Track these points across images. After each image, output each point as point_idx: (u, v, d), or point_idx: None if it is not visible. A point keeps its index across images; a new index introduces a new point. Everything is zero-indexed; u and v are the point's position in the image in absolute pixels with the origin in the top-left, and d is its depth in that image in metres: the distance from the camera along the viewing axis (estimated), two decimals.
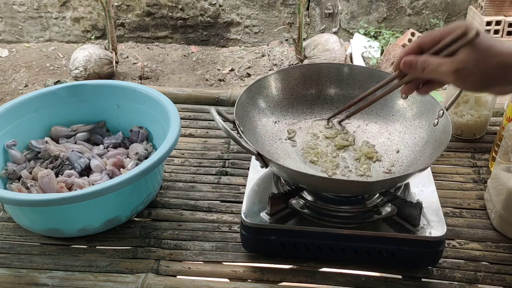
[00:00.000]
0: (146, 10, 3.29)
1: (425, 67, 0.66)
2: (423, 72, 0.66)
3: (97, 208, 0.78)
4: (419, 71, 0.67)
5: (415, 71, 0.67)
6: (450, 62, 0.63)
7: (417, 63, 0.67)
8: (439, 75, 0.65)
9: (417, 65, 0.66)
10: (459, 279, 0.75)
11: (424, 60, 0.66)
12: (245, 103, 0.85)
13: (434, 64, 0.65)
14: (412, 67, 0.67)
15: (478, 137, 1.04)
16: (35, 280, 0.75)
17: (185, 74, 3.06)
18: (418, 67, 0.67)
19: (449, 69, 0.63)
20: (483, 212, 0.87)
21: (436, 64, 0.64)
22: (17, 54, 3.26)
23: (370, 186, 0.74)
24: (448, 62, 0.63)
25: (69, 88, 0.98)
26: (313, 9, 3.25)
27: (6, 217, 0.86)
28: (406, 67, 0.68)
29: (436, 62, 0.64)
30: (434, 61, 0.65)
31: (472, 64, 0.62)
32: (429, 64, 0.65)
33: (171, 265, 0.77)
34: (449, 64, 0.63)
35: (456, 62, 0.63)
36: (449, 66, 0.63)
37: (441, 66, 0.64)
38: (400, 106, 0.89)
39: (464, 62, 0.62)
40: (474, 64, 0.62)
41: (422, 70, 0.66)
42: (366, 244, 0.74)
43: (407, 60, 0.68)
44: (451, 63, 0.63)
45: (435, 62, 0.64)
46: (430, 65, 0.65)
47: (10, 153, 0.89)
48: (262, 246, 0.77)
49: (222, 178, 0.95)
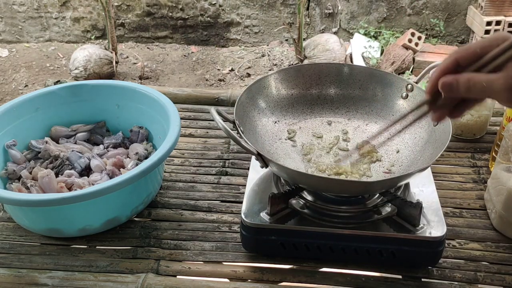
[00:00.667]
0: (146, 10, 3.29)
1: (470, 86, 0.56)
2: (468, 92, 0.57)
3: (97, 208, 0.78)
4: (463, 92, 0.57)
5: (457, 92, 0.57)
6: (503, 78, 0.54)
7: (458, 83, 0.57)
8: (490, 93, 0.56)
9: (459, 86, 0.57)
10: (459, 279, 0.75)
11: (467, 78, 0.56)
12: (245, 103, 0.85)
13: (482, 82, 0.55)
14: (453, 88, 0.57)
15: (478, 137, 1.04)
16: (35, 280, 0.75)
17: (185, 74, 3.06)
18: (460, 88, 0.57)
19: (503, 86, 0.54)
20: (483, 212, 0.87)
21: (484, 82, 0.55)
22: (17, 54, 3.26)
23: (370, 186, 0.74)
24: (500, 78, 0.54)
25: (69, 88, 0.98)
26: (313, 9, 3.25)
27: (6, 217, 0.86)
28: (446, 89, 0.58)
29: (484, 79, 0.55)
30: (481, 79, 0.56)
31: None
32: (476, 83, 0.56)
33: (171, 265, 0.77)
34: (501, 79, 0.54)
35: (509, 77, 0.54)
36: (502, 82, 0.54)
37: (492, 84, 0.55)
38: (400, 106, 0.89)
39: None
40: None
41: (466, 90, 0.57)
42: (366, 244, 0.74)
43: (446, 81, 0.58)
44: (504, 79, 0.54)
45: (483, 80, 0.55)
46: (477, 84, 0.56)
47: (10, 153, 0.89)
48: (262, 246, 0.77)
49: (222, 178, 0.95)
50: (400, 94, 0.88)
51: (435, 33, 3.25)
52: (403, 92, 0.88)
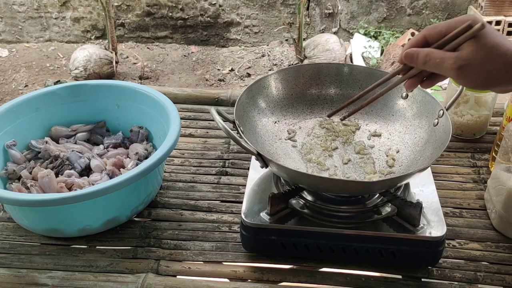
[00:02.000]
0: (146, 10, 3.29)
1: (426, 61, 0.63)
2: (424, 65, 0.64)
3: (97, 208, 0.78)
4: (420, 64, 0.64)
5: (416, 63, 0.65)
6: (454, 57, 0.61)
7: (418, 55, 0.64)
8: (441, 70, 0.63)
9: (419, 58, 0.64)
10: (459, 279, 0.75)
11: (426, 53, 0.63)
12: (245, 103, 0.85)
13: (437, 58, 0.62)
14: (414, 59, 0.65)
15: (478, 137, 1.04)
16: (35, 280, 0.75)
17: (185, 74, 3.06)
18: (419, 60, 0.64)
19: (452, 65, 0.61)
20: (483, 212, 0.87)
21: (438, 58, 0.62)
22: (17, 54, 3.26)
23: (370, 186, 0.74)
24: (452, 57, 0.61)
25: (69, 88, 0.98)
26: (313, 9, 3.25)
27: (6, 217, 0.86)
28: (407, 59, 0.66)
29: (439, 56, 0.62)
30: (436, 55, 0.62)
31: (476, 61, 0.60)
32: (431, 58, 0.63)
33: (171, 265, 0.77)
34: (452, 59, 0.61)
35: (459, 58, 0.61)
36: (452, 61, 0.61)
37: (443, 61, 0.62)
38: (400, 106, 0.89)
39: (468, 59, 0.60)
40: (478, 62, 0.60)
41: (423, 63, 0.64)
42: (366, 244, 0.74)
43: (409, 52, 0.65)
44: (454, 59, 0.61)
45: (438, 56, 0.62)
46: (432, 59, 0.63)
47: (10, 153, 0.89)
48: (262, 246, 0.77)
49: (222, 178, 0.95)
50: (400, 94, 0.88)
51: None
52: (403, 92, 0.88)
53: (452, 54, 0.61)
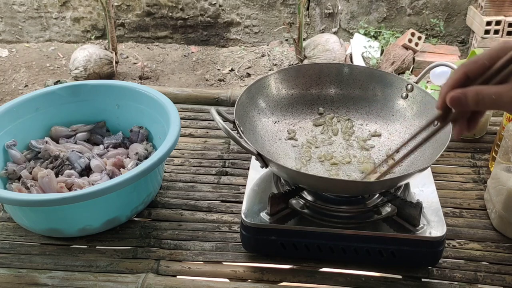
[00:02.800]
0: (146, 10, 3.29)
1: (479, 100, 0.55)
2: (477, 106, 0.56)
3: (97, 208, 0.78)
4: (472, 106, 0.56)
5: (466, 106, 0.57)
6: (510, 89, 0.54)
7: (467, 97, 0.56)
8: (499, 105, 0.56)
9: (468, 99, 0.56)
10: (459, 279, 0.75)
11: (476, 91, 0.56)
12: (245, 103, 0.85)
13: (491, 94, 0.55)
14: (462, 102, 0.57)
15: (478, 137, 1.04)
16: (35, 280, 0.75)
17: (185, 74, 3.06)
18: (470, 101, 0.56)
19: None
20: (483, 212, 0.87)
21: (493, 94, 0.55)
22: (17, 54, 3.26)
23: (370, 186, 0.74)
24: (509, 89, 0.54)
25: (69, 88, 0.98)
26: (313, 9, 3.25)
27: (6, 217, 0.86)
28: (454, 104, 0.57)
29: (493, 92, 0.55)
30: (489, 91, 0.55)
31: None
32: (484, 95, 0.55)
33: (171, 265, 0.77)
34: (510, 91, 0.54)
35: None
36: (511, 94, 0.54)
37: (501, 96, 0.54)
38: (400, 106, 0.89)
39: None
40: None
41: (475, 104, 0.56)
42: (366, 244, 0.74)
43: (454, 96, 0.57)
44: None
45: (492, 92, 0.55)
46: (486, 96, 0.55)
47: (10, 153, 0.89)
48: (262, 246, 0.77)
49: (222, 178, 0.95)
50: (400, 94, 0.88)
51: (435, 33, 3.25)
52: (403, 92, 0.88)
53: (508, 85, 0.55)
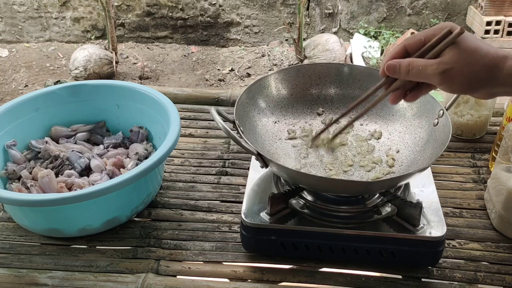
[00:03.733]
0: (146, 10, 3.29)
1: (409, 70, 0.63)
2: (407, 75, 0.64)
3: (97, 208, 0.78)
4: (404, 74, 0.64)
5: (399, 74, 0.65)
6: (436, 63, 0.61)
7: (400, 66, 0.64)
8: (424, 77, 0.63)
9: (401, 68, 0.64)
10: (459, 279, 0.75)
11: (408, 62, 0.64)
12: (245, 103, 0.85)
13: (419, 65, 0.63)
14: (396, 70, 0.65)
15: (478, 137, 1.04)
16: (35, 280, 0.75)
17: (185, 74, 3.06)
18: (402, 70, 0.64)
19: (435, 70, 0.61)
20: (483, 212, 0.87)
21: (421, 66, 0.62)
22: (17, 54, 3.26)
23: (370, 186, 0.74)
24: (434, 63, 0.62)
25: (69, 88, 0.98)
26: (313, 9, 3.25)
27: (6, 217, 0.86)
28: (390, 71, 0.66)
29: (421, 63, 0.62)
30: (418, 63, 0.63)
31: (458, 65, 0.60)
32: (414, 66, 0.63)
33: (171, 265, 0.77)
34: (435, 65, 0.61)
35: (442, 63, 0.61)
36: (435, 67, 0.61)
37: (426, 68, 0.62)
38: (400, 106, 0.89)
39: (450, 63, 0.61)
40: (461, 65, 0.61)
41: (406, 73, 0.64)
42: (366, 244, 0.74)
43: (390, 64, 0.65)
44: (437, 64, 0.61)
45: (420, 64, 0.63)
46: (414, 67, 0.63)
47: (10, 153, 0.89)
48: (262, 246, 0.77)
49: (222, 178, 0.95)
50: None
51: None
52: None
53: (435, 60, 0.62)
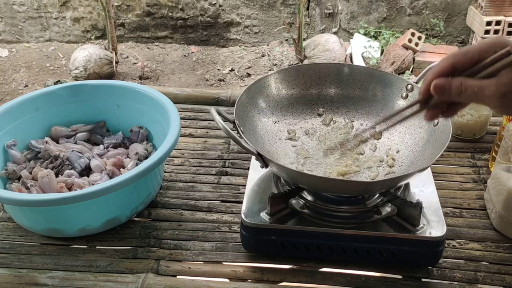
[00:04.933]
0: (146, 10, 3.29)
1: (461, 91, 0.57)
2: (459, 96, 0.58)
3: (97, 208, 0.78)
4: (455, 95, 0.58)
5: (449, 95, 0.59)
6: (495, 84, 0.55)
7: (451, 86, 0.58)
8: (480, 99, 0.57)
9: (452, 89, 0.58)
10: (459, 279, 0.75)
11: (460, 82, 0.57)
12: (245, 103, 0.85)
13: (474, 87, 0.56)
14: (446, 91, 0.58)
15: (478, 137, 1.04)
16: (35, 280, 0.75)
17: (185, 74, 3.06)
18: (452, 91, 0.58)
19: (494, 92, 0.55)
20: (483, 212, 0.87)
21: (476, 87, 0.56)
22: (17, 54, 3.26)
23: (370, 186, 0.74)
24: (492, 84, 0.55)
25: (69, 88, 0.98)
26: (313, 9, 3.25)
27: (6, 217, 0.86)
28: (438, 91, 0.59)
29: (476, 84, 0.56)
30: (473, 84, 0.56)
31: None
32: (467, 87, 0.57)
33: (171, 265, 0.77)
34: (493, 86, 0.55)
35: (501, 84, 0.55)
36: (493, 89, 0.55)
37: (483, 89, 0.56)
38: (400, 106, 0.89)
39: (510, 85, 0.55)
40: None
41: (458, 94, 0.58)
42: (366, 244, 0.74)
43: (439, 84, 0.59)
44: (495, 86, 0.55)
45: (475, 85, 0.56)
46: (469, 88, 0.57)
47: (10, 153, 0.89)
48: (262, 246, 0.77)
49: (222, 178, 0.95)
50: (400, 94, 0.88)
51: (435, 33, 3.25)
52: (403, 92, 0.88)
53: (492, 80, 0.56)
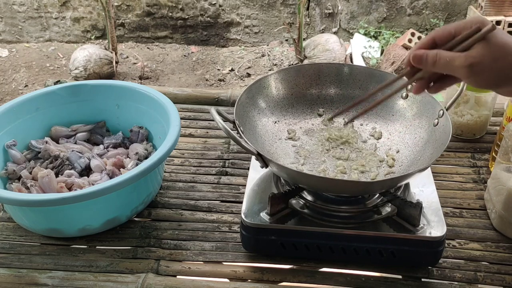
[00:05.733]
0: (146, 10, 3.29)
1: (436, 61, 0.63)
2: (434, 66, 0.64)
3: (97, 208, 0.78)
4: (430, 65, 0.64)
5: (425, 65, 0.64)
6: (464, 56, 0.61)
7: (427, 56, 0.64)
8: (451, 69, 0.63)
9: (428, 59, 0.64)
10: (459, 279, 0.75)
11: (435, 53, 0.63)
12: (245, 103, 0.85)
13: (446, 57, 0.62)
14: (423, 60, 0.64)
15: (478, 137, 1.04)
16: (35, 280, 0.75)
17: (185, 74, 3.06)
18: (428, 61, 0.64)
19: (463, 63, 0.60)
20: (483, 212, 0.87)
21: (448, 58, 0.62)
22: (17, 54, 3.26)
23: (370, 186, 0.74)
24: (462, 56, 0.61)
25: (69, 88, 0.98)
26: (313, 9, 3.25)
27: (6, 217, 0.86)
28: (416, 61, 0.65)
29: (449, 55, 0.62)
30: (446, 55, 0.62)
31: (486, 59, 0.60)
32: (441, 57, 0.62)
33: (171, 265, 0.77)
34: (462, 58, 0.61)
35: (470, 56, 0.60)
36: (463, 60, 0.60)
37: (453, 60, 0.61)
38: (400, 106, 0.89)
39: (478, 57, 0.60)
40: (489, 60, 0.60)
41: (433, 64, 0.63)
42: (366, 244, 0.74)
43: (417, 54, 0.65)
44: (464, 57, 0.60)
45: (447, 56, 0.62)
46: (441, 58, 0.62)
47: (10, 153, 0.89)
48: (262, 246, 0.77)
49: (222, 178, 0.95)
50: (400, 94, 0.88)
51: None
52: (403, 92, 0.87)
53: (462, 53, 0.61)
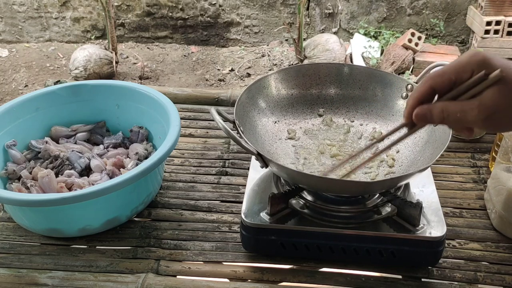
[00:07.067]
0: (146, 10, 3.29)
1: (444, 117, 0.55)
2: (442, 122, 0.56)
3: (97, 208, 0.78)
4: (438, 122, 0.56)
5: (431, 122, 0.57)
6: (477, 108, 0.52)
7: (432, 113, 0.55)
8: (464, 123, 0.55)
9: (434, 116, 0.55)
10: (459, 279, 0.75)
11: (441, 108, 0.55)
12: (245, 103, 0.85)
13: (456, 112, 0.54)
14: (428, 119, 0.56)
15: (478, 137, 1.04)
16: (35, 280, 0.75)
17: (185, 74, 3.06)
18: (435, 118, 0.55)
19: (477, 116, 0.52)
20: (483, 212, 0.87)
21: (458, 112, 0.53)
22: (17, 54, 3.26)
23: (370, 186, 0.74)
24: (474, 109, 0.52)
25: (69, 88, 0.98)
26: (313, 9, 3.25)
27: (6, 217, 0.86)
28: (420, 120, 0.57)
29: (458, 109, 0.54)
30: (454, 109, 0.54)
31: (502, 106, 0.52)
32: (449, 113, 0.54)
33: (171, 265, 0.77)
34: (475, 111, 0.52)
35: (484, 107, 0.52)
36: (476, 113, 0.52)
37: (466, 114, 0.53)
38: (400, 106, 0.89)
39: (493, 106, 0.52)
40: (505, 106, 0.52)
41: (441, 120, 0.55)
42: (366, 244, 0.74)
43: (420, 112, 0.56)
44: (477, 110, 0.52)
45: (457, 110, 0.54)
46: (451, 114, 0.54)
47: (10, 153, 0.89)
48: (262, 246, 0.77)
49: (222, 178, 0.95)
50: (400, 94, 0.88)
51: (435, 33, 3.25)
52: (403, 92, 0.88)
53: (473, 103, 0.53)
